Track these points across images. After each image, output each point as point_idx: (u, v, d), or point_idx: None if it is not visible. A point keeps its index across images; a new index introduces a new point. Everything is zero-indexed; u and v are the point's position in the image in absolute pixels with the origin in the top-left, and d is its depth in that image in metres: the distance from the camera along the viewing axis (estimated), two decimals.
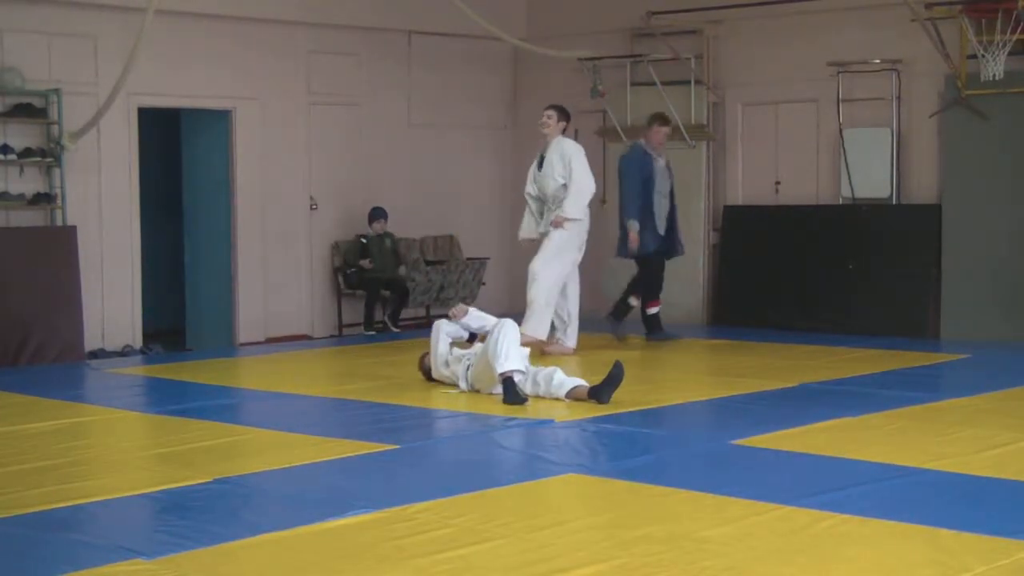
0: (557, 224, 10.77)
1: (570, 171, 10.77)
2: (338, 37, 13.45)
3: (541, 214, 11.10)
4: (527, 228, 11.22)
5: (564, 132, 11.07)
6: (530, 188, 11.13)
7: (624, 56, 13.64)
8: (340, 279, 13.40)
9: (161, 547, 5.06)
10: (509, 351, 8.40)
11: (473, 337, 9.05)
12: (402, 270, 13.31)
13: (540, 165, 11.00)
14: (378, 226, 13.23)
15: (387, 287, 13.20)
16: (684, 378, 9.80)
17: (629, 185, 11.34)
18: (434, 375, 9.12)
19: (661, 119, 11.58)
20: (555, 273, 10.79)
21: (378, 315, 13.26)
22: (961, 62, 11.50)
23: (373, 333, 12.95)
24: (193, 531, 5.29)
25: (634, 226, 11.24)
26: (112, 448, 7.31)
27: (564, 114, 11.05)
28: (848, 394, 8.68)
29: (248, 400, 9.15)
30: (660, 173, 11.40)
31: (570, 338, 11.02)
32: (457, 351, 9.02)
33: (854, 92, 12.29)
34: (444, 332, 9.06)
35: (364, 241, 13.20)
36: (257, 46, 12.82)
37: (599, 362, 10.10)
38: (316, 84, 13.35)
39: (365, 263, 13.11)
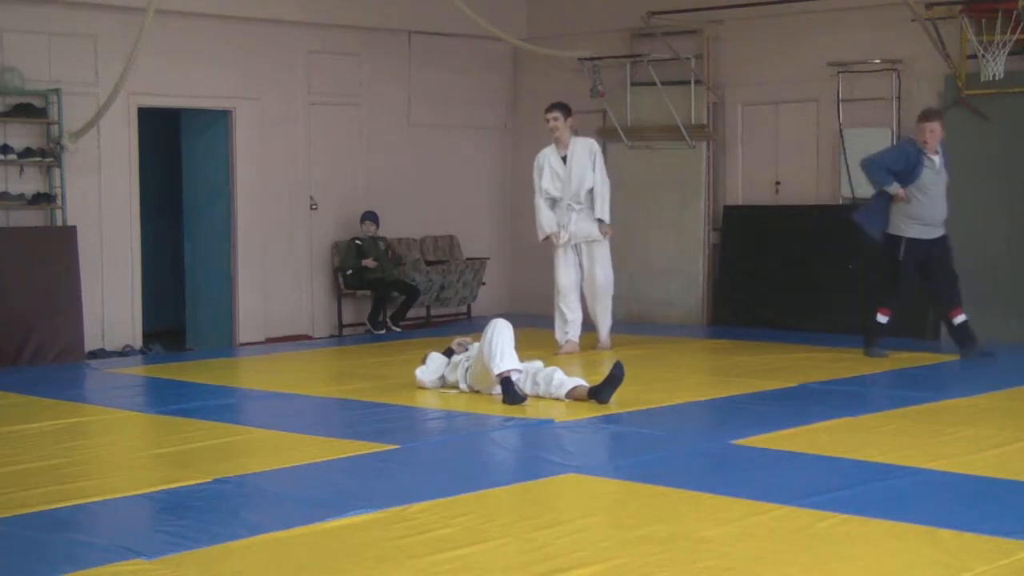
0: (606, 233, 10.99)
1: (596, 173, 10.92)
2: (338, 37, 13.44)
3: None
4: (549, 222, 11.05)
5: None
6: (549, 187, 11.00)
7: (624, 56, 13.63)
8: (340, 279, 13.39)
9: (161, 547, 5.06)
10: (504, 351, 8.39)
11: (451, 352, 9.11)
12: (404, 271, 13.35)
13: (564, 163, 10.94)
14: (367, 228, 13.22)
15: (396, 289, 13.20)
16: (684, 378, 9.80)
17: (880, 154, 10.45)
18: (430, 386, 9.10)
19: (922, 115, 10.41)
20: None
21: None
22: (961, 62, 11.50)
23: (383, 332, 12.95)
24: (193, 531, 5.29)
25: (893, 188, 10.16)
26: (112, 448, 7.31)
27: (567, 111, 11.06)
28: (848, 394, 8.69)
29: (248, 400, 9.16)
30: (933, 171, 10.36)
31: (576, 332, 11.10)
32: (455, 357, 9.02)
33: (854, 92, 12.28)
34: (433, 363, 9.07)
35: (359, 243, 13.20)
36: (257, 46, 12.82)
37: (599, 362, 10.12)
38: (316, 84, 13.34)
39: (369, 262, 13.09)
